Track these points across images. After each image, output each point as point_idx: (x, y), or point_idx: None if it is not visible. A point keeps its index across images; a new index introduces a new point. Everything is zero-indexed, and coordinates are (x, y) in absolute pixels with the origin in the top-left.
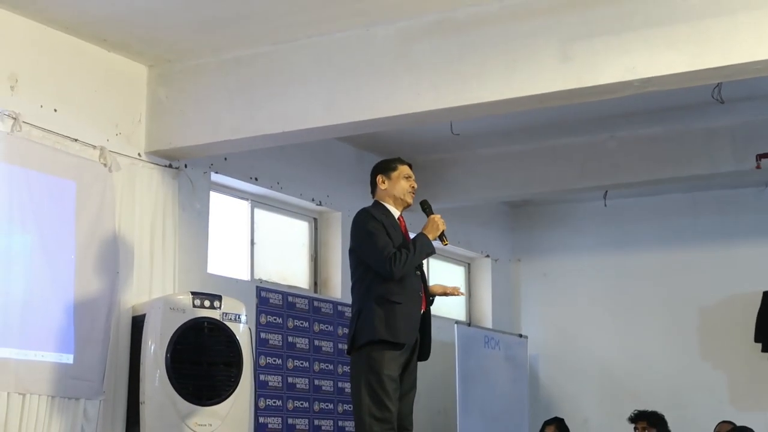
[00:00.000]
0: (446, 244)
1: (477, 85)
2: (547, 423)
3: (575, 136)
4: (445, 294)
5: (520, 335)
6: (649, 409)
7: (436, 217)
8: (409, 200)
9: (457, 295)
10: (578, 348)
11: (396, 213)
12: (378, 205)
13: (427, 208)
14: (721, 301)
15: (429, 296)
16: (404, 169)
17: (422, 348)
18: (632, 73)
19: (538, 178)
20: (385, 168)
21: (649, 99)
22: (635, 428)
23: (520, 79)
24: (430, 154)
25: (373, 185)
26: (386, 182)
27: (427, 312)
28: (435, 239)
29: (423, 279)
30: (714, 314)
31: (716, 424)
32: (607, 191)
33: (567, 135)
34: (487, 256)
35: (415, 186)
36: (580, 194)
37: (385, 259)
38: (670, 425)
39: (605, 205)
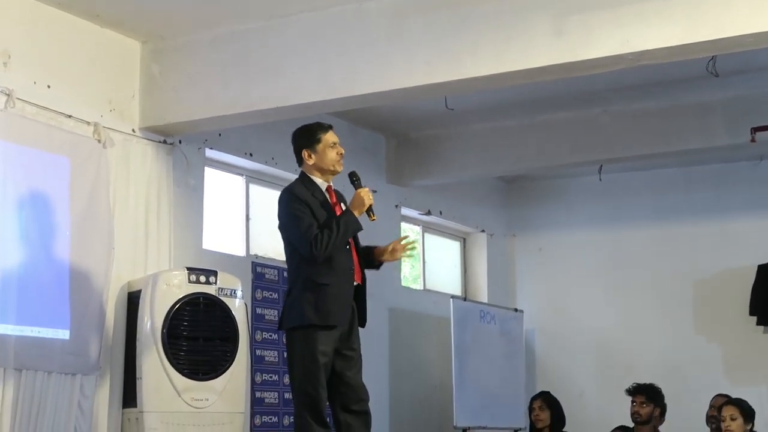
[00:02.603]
0: (374, 220)
1: (470, 60)
2: (533, 398)
3: (569, 110)
4: (394, 258)
5: (516, 310)
6: (643, 382)
7: (363, 191)
8: (339, 169)
9: (405, 249)
10: (574, 322)
11: (324, 185)
12: (304, 179)
13: (355, 180)
14: (716, 275)
15: (373, 261)
16: (329, 137)
17: (359, 316)
18: (625, 46)
19: (533, 153)
20: (308, 140)
21: (643, 73)
22: (633, 402)
23: (514, 54)
24: (424, 130)
25: (299, 157)
26: (312, 156)
27: (363, 284)
28: (362, 215)
29: (357, 249)
30: (709, 288)
31: (711, 397)
32: (602, 166)
33: (561, 110)
34: (483, 231)
35: (342, 152)
36: (575, 169)
37: (306, 243)
38: (666, 399)
39: (600, 180)
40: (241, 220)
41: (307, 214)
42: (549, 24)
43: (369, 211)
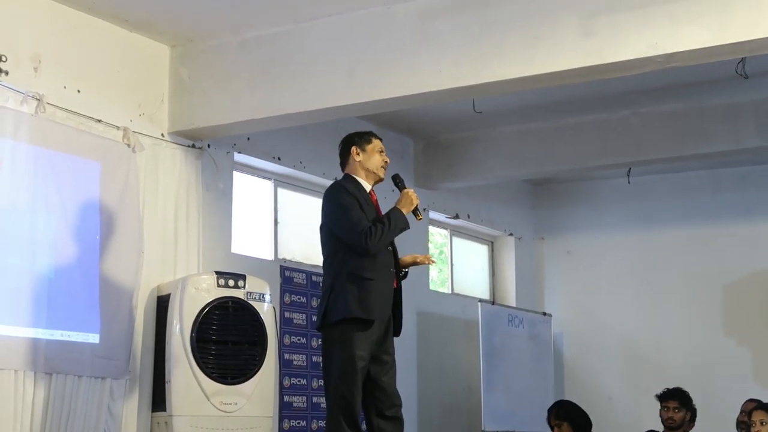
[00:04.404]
0: (420, 219)
1: (498, 63)
2: (549, 411)
3: (597, 112)
4: (416, 263)
5: (544, 313)
6: (672, 386)
7: (410, 191)
8: (382, 174)
9: (429, 263)
10: (602, 326)
11: (368, 187)
12: (350, 179)
13: (399, 183)
14: (745, 277)
15: (400, 272)
16: (378, 143)
17: (395, 324)
18: (655, 48)
19: (561, 155)
20: (359, 140)
21: (672, 74)
22: (665, 407)
23: (542, 56)
24: (452, 132)
25: (345, 157)
26: (361, 154)
27: (399, 288)
28: (408, 214)
29: (395, 255)
30: (738, 291)
31: (741, 401)
32: (630, 168)
33: (589, 112)
34: (511, 234)
35: (388, 161)
36: (604, 171)
37: (359, 234)
38: (695, 403)
39: (629, 182)
40: (269, 224)
41: (356, 207)
42: (577, 26)
43: (416, 210)
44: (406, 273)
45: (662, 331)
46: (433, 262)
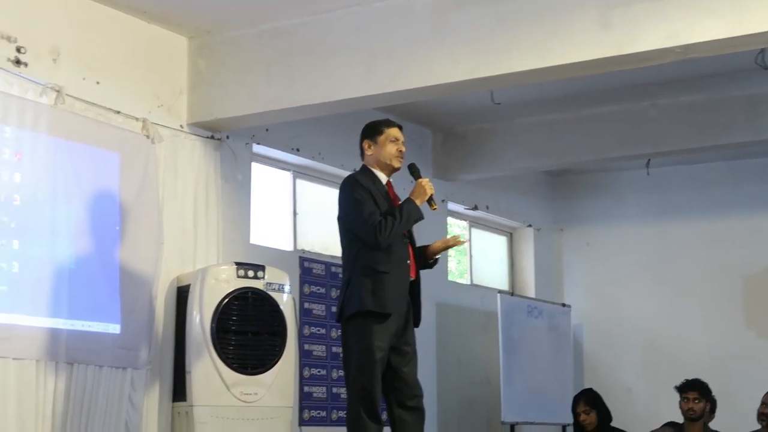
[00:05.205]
0: (435, 209)
1: (516, 54)
2: (576, 399)
3: (616, 104)
4: (447, 246)
5: (563, 304)
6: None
7: (424, 181)
8: (396, 165)
9: (460, 243)
10: (622, 317)
11: (384, 178)
12: (365, 171)
13: (415, 172)
14: (765, 269)
15: (427, 260)
16: (392, 132)
17: (414, 315)
18: (673, 39)
19: (580, 146)
20: (371, 132)
21: (691, 65)
22: (685, 398)
23: (560, 47)
24: (470, 124)
25: (360, 150)
26: (372, 147)
27: (417, 280)
28: (423, 204)
29: (412, 245)
30: (758, 282)
31: (763, 393)
32: (649, 159)
33: (607, 103)
34: (530, 225)
35: (403, 149)
36: (623, 163)
37: (370, 228)
38: (715, 394)
39: (648, 174)
40: (288, 215)
41: (369, 201)
42: (595, 17)
43: (430, 200)
44: (437, 260)
45: (682, 322)
46: (463, 242)
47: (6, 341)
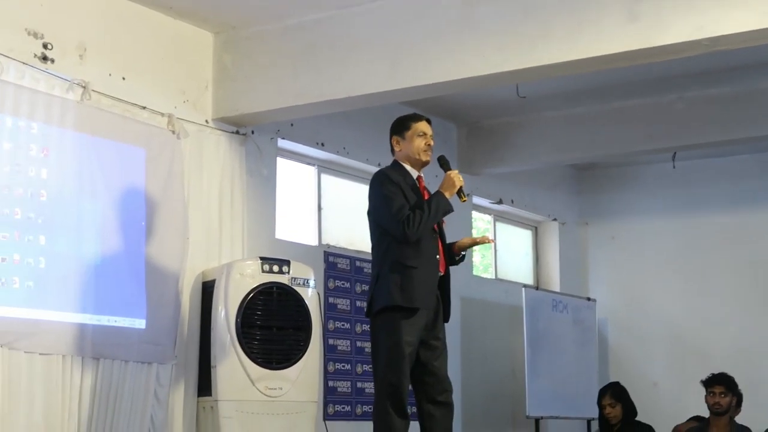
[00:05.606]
0: (464, 201)
1: (542, 47)
2: (601, 392)
3: (643, 97)
4: (475, 244)
5: (588, 299)
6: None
7: (453, 173)
8: (425, 159)
9: (488, 242)
10: (647, 311)
11: (414, 173)
12: (396, 166)
13: (444, 164)
14: None
15: (454, 256)
16: (419, 127)
17: (444, 310)
18: (701, 32)
19: (605, 140)
20: (398, 128)
21: (719, 58)
22: (711, 392)
23: (587, 40)
24: (496, 118)
25: (391, 146)
26: (400, 143)
27: (447, 275)
28: (452, 196)
29: (442, 240)
30: None
31: None
32: (675, 153)
33: (634, 96)
34: (555, 219)
35: (431, 143)
36: (648, 156)
37: (399, 222)
38: (741, 388)
39: (674, 167)
40: (313, 209)
41: (399, 195)
42: (622, 9)
43: (460, 192)
44: (464, 256)
45: (708, 316)
46: (492, 241)
47: (33, 336)
